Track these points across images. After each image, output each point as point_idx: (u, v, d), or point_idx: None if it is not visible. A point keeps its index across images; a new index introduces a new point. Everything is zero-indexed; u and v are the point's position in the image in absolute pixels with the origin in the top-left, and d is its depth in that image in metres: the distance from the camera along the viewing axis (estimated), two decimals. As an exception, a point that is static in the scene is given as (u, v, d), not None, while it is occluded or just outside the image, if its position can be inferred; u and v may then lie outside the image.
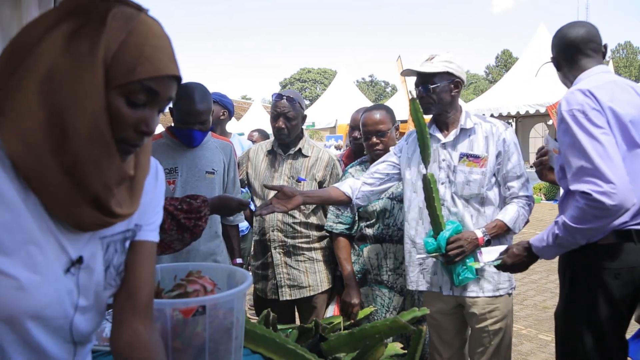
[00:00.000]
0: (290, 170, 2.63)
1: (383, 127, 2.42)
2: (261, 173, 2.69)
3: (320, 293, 2.61)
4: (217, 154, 2.46)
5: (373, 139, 2.43)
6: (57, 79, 0.73)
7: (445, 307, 2.19)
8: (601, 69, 1.88)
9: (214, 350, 1.20)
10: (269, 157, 2.70)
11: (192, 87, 2.27)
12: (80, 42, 0.74)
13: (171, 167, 2.33)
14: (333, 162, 2.68)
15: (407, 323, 1.70)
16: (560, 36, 1.96)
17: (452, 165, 2.14)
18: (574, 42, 1.91)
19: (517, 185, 2.10)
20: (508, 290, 2.15)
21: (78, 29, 0.75)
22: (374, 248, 2.44)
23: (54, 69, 0.73)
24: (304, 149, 2.65)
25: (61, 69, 0.73)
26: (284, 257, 2.57)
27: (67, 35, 0.74)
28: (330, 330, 1.90)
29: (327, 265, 2.64)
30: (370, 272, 2.45)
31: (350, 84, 20.96)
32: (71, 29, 0.75)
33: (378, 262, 2.43)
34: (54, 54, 0.73)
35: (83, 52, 0.74)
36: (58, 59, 0.73)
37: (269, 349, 1.51)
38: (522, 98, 12.70)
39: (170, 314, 1.15)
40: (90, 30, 0.75)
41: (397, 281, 2.41)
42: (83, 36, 0.74)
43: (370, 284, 2.46)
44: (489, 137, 2.12)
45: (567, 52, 1.94)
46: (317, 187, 2.61)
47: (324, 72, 58.00)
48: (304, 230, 2.58)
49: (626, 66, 42.25)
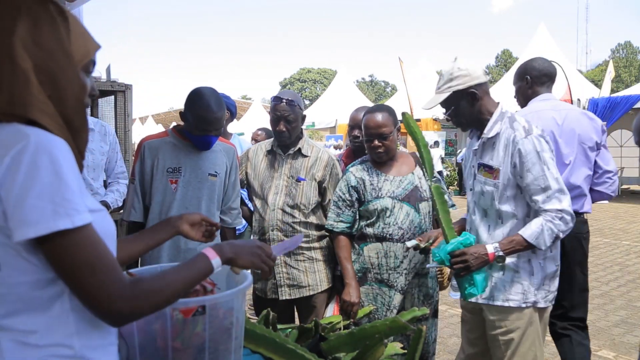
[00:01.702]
0: (290, 170, 2.63)
1: (386, 130, 2.39)
2: (260, 173, 2.69)
3: (319, 292, 2.61)
4: (221, 157, 2.49)
5: (375, 141, 2.41)
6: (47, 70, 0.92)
7: (474, 306, 2.20)
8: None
9: (213, 350, 1.20)
10: (269, 157, 2.70)
11: (208, 94, 2.29)
12: (46, 39, 0.91)
13: (175, 166, 2.36)
14: (333, 162, 2.69)
15: (407, 323, 1.70)
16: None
17: (474, 174, 2.14)
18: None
19: (541, 198, 1.92)
20: (521, 303, 2.02)
21: (35, 28, 0.91)
22: (374, 247, 2.44)
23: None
24: (304, 149, 2.65)
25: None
26: (284, 257, 2.57)
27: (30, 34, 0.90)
28: (330, 330, 1.90)
29: (327, 265, 2.64)
30: (371, 270, 2.45)
31: (350, 84, 20.99)
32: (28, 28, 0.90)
33: (378, 261, 2.43)
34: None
35: (53, 47, 0.92)
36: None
37: (269, 349, 1.51)
38: (522, 98, 12.69)
39: (170, 314, 1.15)
40: (48, 28, 0.92)
41: (398, 280, 2.41)
42: (45, 33, 0.91)
43: (370, 282, 2.46)
44: (507, 146, 2.00)
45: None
46: (316, 187, 2.62)
47: (324, 72, 57.96)
48: (303, 229, 2.59)
49: (626, 66, 42.23)
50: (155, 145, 2.39)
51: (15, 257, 0.88)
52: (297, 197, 2.58)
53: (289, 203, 2.58)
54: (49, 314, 0.91)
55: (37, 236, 0.84)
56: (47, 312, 0.91)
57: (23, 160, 0.84)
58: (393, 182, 2.45)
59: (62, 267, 0.88)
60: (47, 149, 0.86)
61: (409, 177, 2.49)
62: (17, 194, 0.84)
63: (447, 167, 15.79)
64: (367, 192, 2.45)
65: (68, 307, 0.93)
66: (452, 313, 4.62)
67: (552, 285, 2.08)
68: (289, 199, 2.58)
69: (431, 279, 2.51)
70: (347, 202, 2.48)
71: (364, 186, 2.46)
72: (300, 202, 2.58)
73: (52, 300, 0.92)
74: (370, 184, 2.45)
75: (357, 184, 2.47)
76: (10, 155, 0.84)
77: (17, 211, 0.84)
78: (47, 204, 0.84)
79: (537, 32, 14.68)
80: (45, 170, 0.85)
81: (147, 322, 1.15)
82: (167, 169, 2.37)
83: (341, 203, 2.49)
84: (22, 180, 0.84)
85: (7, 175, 0.84)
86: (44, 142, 0.86)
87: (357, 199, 2.48)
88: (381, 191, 2.43)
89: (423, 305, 2.44)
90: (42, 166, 0.84)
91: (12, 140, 0.86)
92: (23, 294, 0.90)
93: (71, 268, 0.87)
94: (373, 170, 2.49)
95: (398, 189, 2.44)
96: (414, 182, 2.47)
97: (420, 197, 2.46)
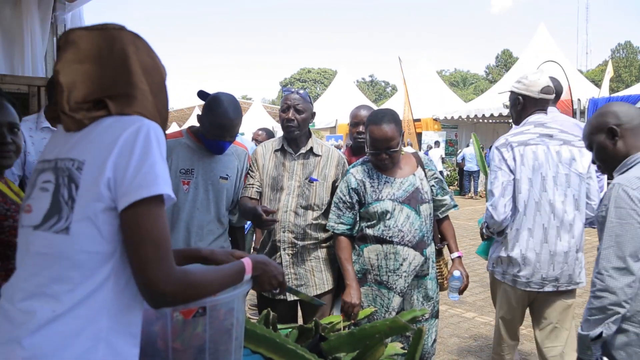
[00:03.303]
0: (303, 171, 2.58)
1: (393, 144, 2.35)
2: (270, 172, 2.60)
3: (325, 292, 2.60)
4: (233, 160, 2.51)
5: (382, 155, 2.38)
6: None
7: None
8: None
9: (214, 350, 1.20)
10: (278, 156, 2.61)
11: (227, 100, 2.31)
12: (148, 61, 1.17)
13: (188, 167, 2.39)
14: (343, 161, 2.66)
15: (407, 323, 1.70)
16: None
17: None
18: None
19: None
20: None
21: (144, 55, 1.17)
22: (374, 248, 2.42)
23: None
24: (315, 148, 2.61)
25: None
26: (292, 258, 2.57)
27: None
28: (330, 330, 1.90)
29: (332, 264, 2.64)
30: (370, 272, 2.44)
31: (350, 84, 20.98)
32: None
33: (378, 263, 2.41)
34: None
35: (153, 66, 1.18)
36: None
37: (269, 349, 1.51)
38: (522, 98, 12.67)
39: (170, 315, 1.15)
40: (150, 54, 1.19)
41: (397, 283, 2.39)
42: (147, 58, 1.17)
43: (370, 283, 2.44)
44: None
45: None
46: (329, 187, 2.59)
47: (324, 72, 57.94)
48: (313, 232, 2.56)
49: (626, 66, 42.16)
50: (170, 145, 2.39)
51: (89, 225, 1.01)
52: (310, 198, 2.55)
53: (302, 204, 2.54)
54: (91, 287, 1.01)
55: (149, 196, 1.00)
56: (90, 286, 1.01)
57: (139, 137, 1.04)
58: (394, 185, 2.43)
59: (134, 234, 0.99)
60: (155, 131, 1.08)
61: (410, 179, 2.46)
62: (136, 160, 1.02)
63: (448, 167, 15.77)
64: (368, 194, 2.43)
65: (110, 286, 1.02)
66: (452, 313, 4.63)
67: (508, 268, 2.51)
68: (302, 200, 2.54)
69: (431, 281, 2.50)
70: (347, 204, 2.47)
71: (364, 188, 2.44)
72: (314, 203, 2.55)
73: (100, 275, 1.02)
74: (371, 186, 2.43)
75: (358, 186, 2.45)
76: (129, 130, 1.04)
77: (133, 175, 1.01)
78: (158, 172, 1.03)
79: (537, 32, 14.67)
80: (155, 146, 1.05)
81: (148, 322, 1.16)
82: (180, 170, 2.39)
83: (342, 205, 2.48)
84: (140, 151, 1.03)
85: (126, 144, 1.03)
86: (153, 126, 1.09)
87: (357, 201, 2.46)
88: (381, 194, 2.41)
89: (423, 307, 2.44)
90: (153, 142, 1.05)
91: (130, 122, 1.07)
92: (80, 261, 1.00)
93: (142, 237, 0.99)
94: (374, 172, 2.47)
95: (399, 191, 2.42)
96: (415, 184, 2.45)
97: (421, 199, 2.44)
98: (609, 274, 1.68)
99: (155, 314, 1.16)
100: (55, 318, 0.98)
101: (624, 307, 1.66)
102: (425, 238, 2.43)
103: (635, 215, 1.66)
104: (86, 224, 1.01)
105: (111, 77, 1.09)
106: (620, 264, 1.67)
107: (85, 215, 1.01)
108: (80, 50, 1.09)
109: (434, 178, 2.58)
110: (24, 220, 1.09)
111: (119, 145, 1.02)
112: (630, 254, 1.66)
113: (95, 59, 1.09)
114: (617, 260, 1.67)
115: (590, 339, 1.71)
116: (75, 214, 1.01)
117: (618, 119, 1.81)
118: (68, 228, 1.01)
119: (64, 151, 1.08)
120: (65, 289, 1.00)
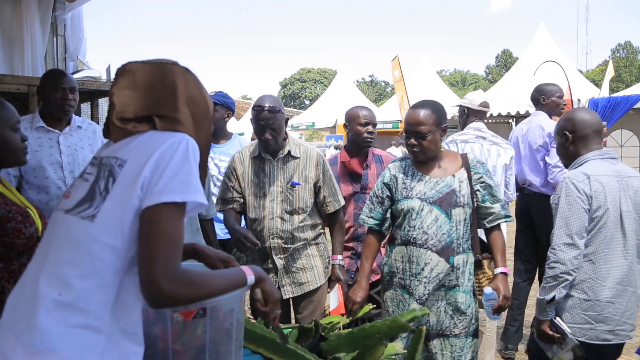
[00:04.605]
0: (283, 175, 2.57)
1: (423, 129, 2.22)
2: (250, 180, 2.60)
3: (318, 287, 2.64)
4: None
5: (412, 139, 2.26)
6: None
7: None
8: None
9: (214, 351, 1.20)
10: (257, 163, 2.61)
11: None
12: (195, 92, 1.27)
13: None
14: (322, 159, 2.64)
15: (407, 323, 1.70)
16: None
17: None
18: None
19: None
20: None
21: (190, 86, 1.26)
22: (399, 250, 2.33)
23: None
24: (293, 151, 2.59)
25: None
26: (285, 262, 2.60)
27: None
28: (330, 330, 1.90)
29: (322, 260, 2.68)
30: (396, 275, 2.35)
31: (350, 84, 20.92)
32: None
33: (402, 266, 2.31)
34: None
35: (199, 97, 1.28)
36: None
37: (269, 349, 1.51)
38: (522, 98, 12.63)
39: (170, 317, 1.15)
40: (197, 86, 1.29)
41: (417, 288, 2.27)
42: (195, 90, 1.27)
43: (395, 287, 2.35)
44: None
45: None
46: (312, 189, 2.58)
47: (324, 72, 57.87)
48: (301, 234, 2.59)
49: (626, 66, 42.12)
50: None
51: (115, 219, 1.06)
52: (294, 202, 2.56)
53: (287, 209, 2.55)
54: (99, 279, 1.04)
55: (181, 201, 1.06)
56: (99, 277, 1.04)
57: (180, 147, 1.13)
58: (427, 183, 2.29)
59: (151, 229, 1.03)
60: (193, 145, 1.16)
61: (447, 180, 2.30)
62: (174, 166, 1.09)
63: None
64: (399, 190, 2.33)
65: (117, 283, 1.06)
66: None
67: None
68: (286, 205, 2.55)
69: (464, 294, 2.28)
70: (379, 199, 2.39)
71: (396, 184, 2.35)
72: (298, 206, 2.56)
73: (110, 269, 1.05)
74: (403, 182, 2.33)
75: (390, 181, 2.37)
76: (172, 140, 1.14)
77: (169, 179, 1.07)
78: (192, 181, 1.10)
79: (537, 32, 14.64)
80: (192, 157, 1.13)
81: (148, 324, 1.16)
82: None
83: (374, 199, 2.41)
84: (179, 158, 1.10)
85: (168, 149, 1.11)
86: (192, 141, 1.18)
87: (388, 197, 2.37)
88: (412, 191, 2.29)
89: (452, 321, 2.27)
90: (191, 154, 1.13)
91: (173, 134, 1.17)
92: (93, 250, 1.05)
93: (157, 233, 1.03)
94: (410, 169, 2.35)
95: (431, 190, 2.28)
96: (451, 186, 2.28)
97: (456, 202, 2.26)
98: (560, 248, 2.06)
99: (155, 315, 1.16)
100: (61, 305, 1.02)
101: (571, 275, 2.06)
102: (455, 245, 2.25)
103: (580, 202, 2.06)
104: (112, 216, 1.07)
105: (160, 102, 1.20)
106: (569, 240, 2.05)
107: (114, 207, 1.07)
108: (135, 79, 1.20)
109: (481, 182, 2.34)
110: (61, 204, 1.17)
111: (160, 150, 1.11)
112: (576, 232, 2.05)
113: (147, 88, 1.20)
114: (566, 237, 2.06)
115: (546, 302, 2.09)
116: (106, 204, 1.08)
117: (574, 126, 2.19)
118: (94, 216, 1.08)
119: (111, 151, 1.18)
120: (74, 273, 1.04)
